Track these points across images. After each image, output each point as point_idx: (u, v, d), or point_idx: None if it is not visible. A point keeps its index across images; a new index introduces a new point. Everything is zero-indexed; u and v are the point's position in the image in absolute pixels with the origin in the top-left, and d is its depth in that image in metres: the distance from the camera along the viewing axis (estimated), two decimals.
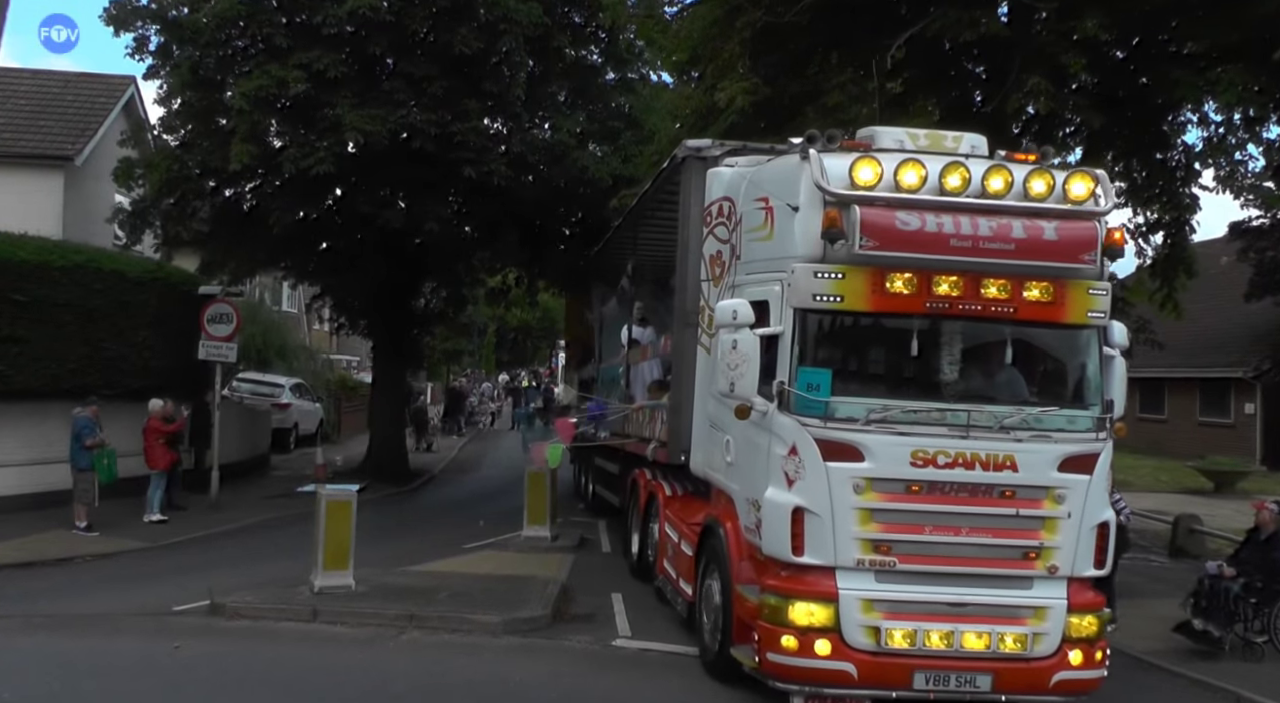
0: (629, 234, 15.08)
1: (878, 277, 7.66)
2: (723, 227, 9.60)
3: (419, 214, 21.02)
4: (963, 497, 7.76)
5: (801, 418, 7.76)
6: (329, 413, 33.94)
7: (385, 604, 10.77)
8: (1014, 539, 7.86)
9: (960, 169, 7.79)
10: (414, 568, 13.05)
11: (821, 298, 7.73)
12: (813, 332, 7.96)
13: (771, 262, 8.31)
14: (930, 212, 7.68)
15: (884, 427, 7.72)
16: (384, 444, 25.03)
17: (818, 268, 7.74)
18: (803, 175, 7.92)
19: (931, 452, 7.70)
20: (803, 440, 7.74)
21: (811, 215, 7.76)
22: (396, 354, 25.70)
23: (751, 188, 8.95)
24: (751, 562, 8.46)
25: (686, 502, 11.19)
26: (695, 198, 10.23)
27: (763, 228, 8.62)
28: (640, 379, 14.21)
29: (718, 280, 9.59)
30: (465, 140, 19.47)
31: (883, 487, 7.70)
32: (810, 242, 7.77)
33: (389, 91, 19.61)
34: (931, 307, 7.75)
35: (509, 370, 66.09)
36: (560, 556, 14.40)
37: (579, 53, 22.30)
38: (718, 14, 13.91)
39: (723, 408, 8.86)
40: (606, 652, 9.97)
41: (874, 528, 7.71)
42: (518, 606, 10.93)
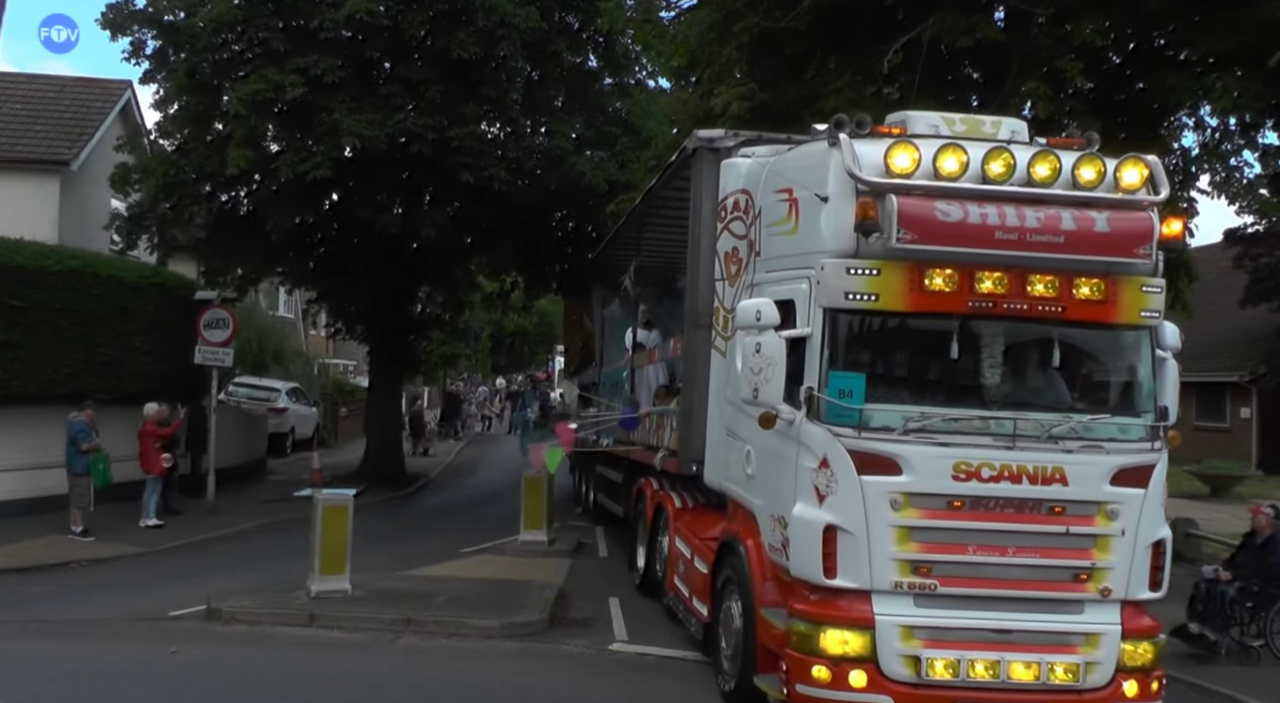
0: (633, 233, 14.38)
1: (916, 272, 7.07)
2: (739, 221, 9.04)
3: (416, 219, 21.09)
4: (1009, 513, 7.14)
5: (833, 428, 7.16)
6: (325, 418, 33.90)
7: (382, 609, 10.74)
8: (1064, 560, 7.24)
9: (1004, 154, 7.16)
10: (411, 573, 13.03)
11: (854, 296, 7.14)
12: (845, 333, 7.35)
13: (797, 257, 7.72)
14: (972, 201, 7.07)
15: (923, 437, 7.12)
16: (381, 449, 25.01)
17: (850, 263, 7.13)
18: (832, 163, 7.31)
19: (975, 464, 7.07)
20: (835, 452, 7.12)
21: (842, 206, 7.18)
22: (393, 359, 25.69)
23: (772, 178, 8.38)
24: (776, 583, 7.83)
25: (699, 515, 10.56)
26: (708, 191, 9.72)
27: (786, 221, 8.00)
28: (645, 384, 13.83)
29: (734, 279, 9.06)
30: (463, 145, 19.50)
31: (922, 503, 7.09)
32: (841, 235, 7.19)
33: (386, 96, 19.65)
34: (974, 305, 7.15)
35: (506, 375, 66.03)
36: (557, 560, 14.36)
37: (576, 58, 22.33)
38: (715, 19, 13.94)
39: (742, 416, 8.30)
40: (604, 656, 9.96)
41: (913, 548, 7.10)
42: (515, 610, 10.91)
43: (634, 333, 14.87)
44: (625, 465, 14.44)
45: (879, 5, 13.14)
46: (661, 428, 11.84)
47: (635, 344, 14.75)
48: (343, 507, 11.34)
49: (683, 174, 10.73)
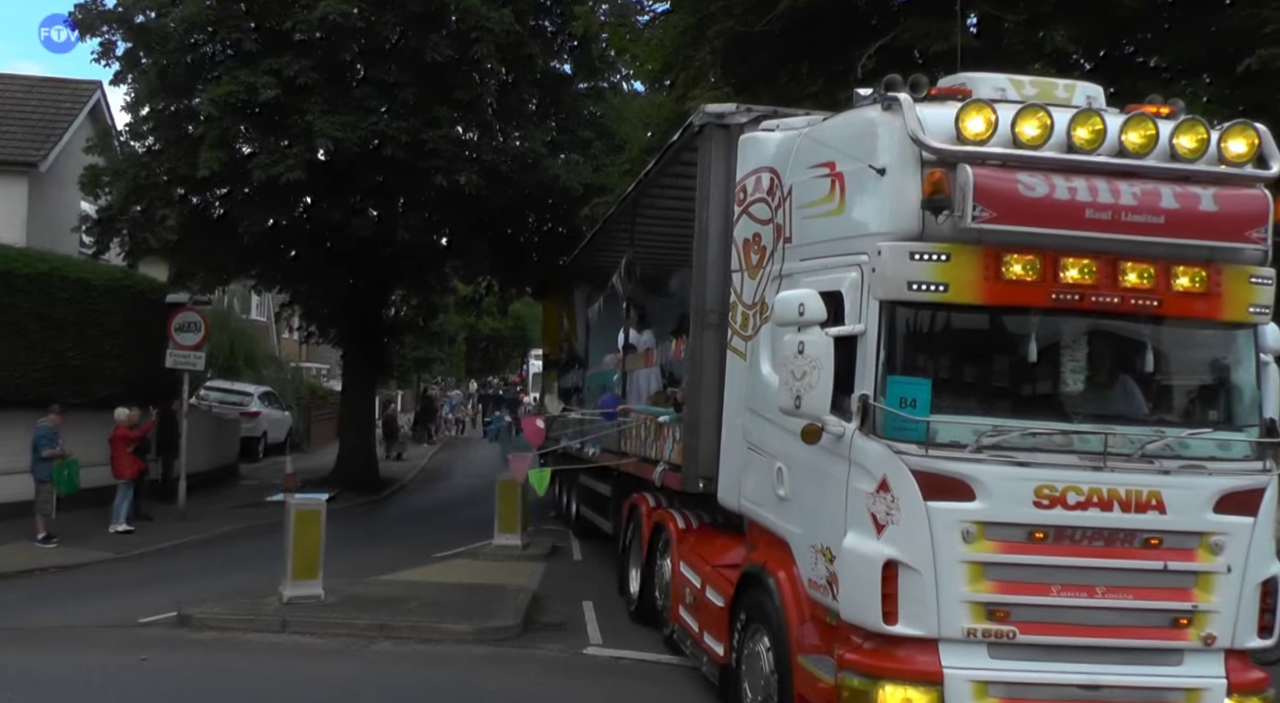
0: (624, 226, 13.28)
1: (992, 258, 6.01)
2: (762, 204, 7.91)
3: (390, 222, 21.01)
4: (1097, 547, 6.06)
5: (894, 443, 6.03)
6: (298, 422, 33.73)
7: (355, 614, 10.68)
8: (1160, 602, 6.15)
9: (1093, 118, 6.11)
10: (384, 578, 12.97)
11: (920, 286, 6.01)
12: (906, 330, 6.26)
13: (843, 241, 6.61)
14: (1058, 173, 6.01)
15: (999, 455, 6.02)
16: (354, 453, 24.90)
17: (915, 247, 6.04)
18: (889, 128, 6.25)
19: (1060, 488, 5.98)
20: (896, 473, 5.99)
21: (904, 179, 6.11)
22: (366, 362, 25.59)
23: (807, 152, 7.26)
24: (818, 626, 6.72)
25: (707, 537, 9.52)
26: (718, 172, 8.72)
27: (827, 200, 6.90)
28: (638, 389, 12.94)
29: (755, 269, 7.90)
30: (436, 148, 19.43)
31: (999, 534, 5.99)
32: (903, 213, 6.12)
33: (360, 98, 19.58)
34: (1057, 298, 6.07)
35: (480, 379, 65.81)
36: (531, 564, 14.34)
37: (550, 61, 22.32)
38: (689, 23, 13.98)
39: (771, 428, 7.25)
40: (578, 660, 9.93)
41: (987, 588, 5.98)
42: (489, 615, 10.88)
43: (625, 333, 13.90)
44: (615, 478, 13.25)
45: (852, 11, 13.20)
46: (661, 438, 10.59)
47: (626, 346, 13.81)
48: (315, 512, 11.27)
49: (684, 157, 9.89)
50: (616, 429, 12.50)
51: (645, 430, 11.33)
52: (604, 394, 12.89)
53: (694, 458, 8.92)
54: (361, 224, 20.57)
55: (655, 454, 10.77)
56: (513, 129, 21.92)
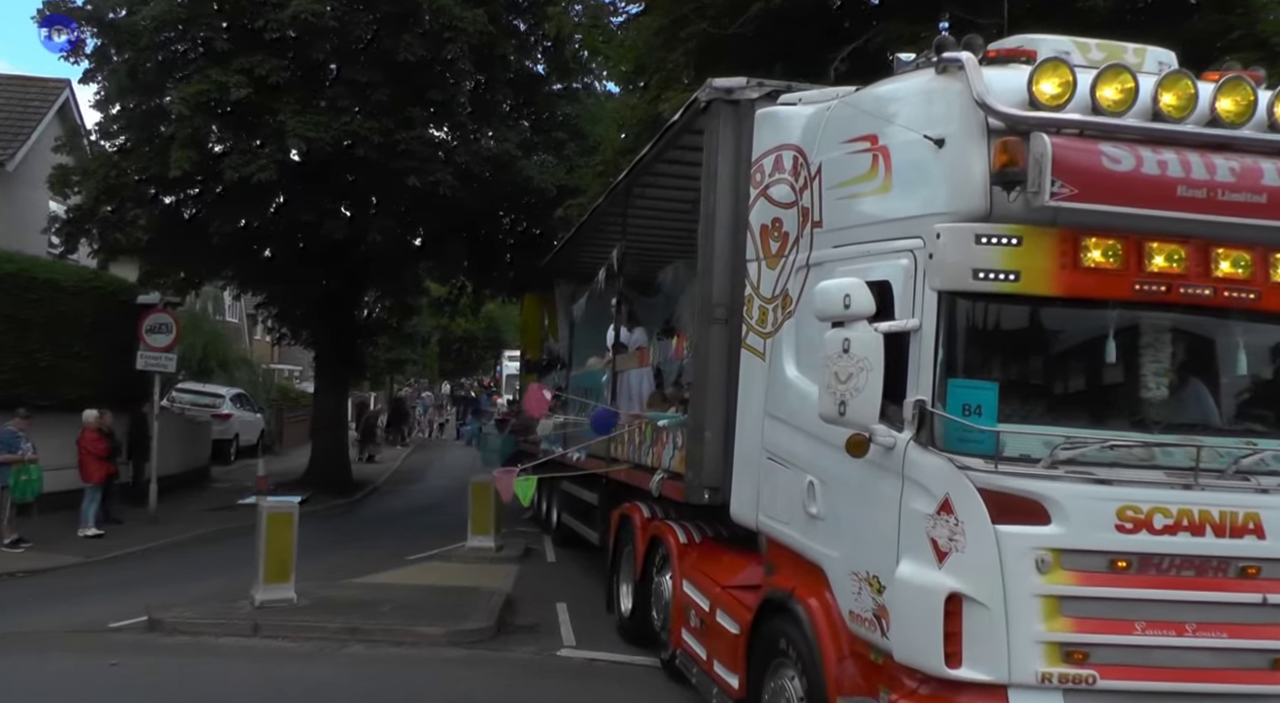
0: (614, 217, 12.35)
1: (1069, 243, 5.19)
2: (783, 185, 7.07)
3: (363, 223, 20.94)
4: (1187, 577, 5.19)
5: (957, 457, 5.16)
6: (271, 424, 33.53)
7: (328, 618, 10.62)
8: (1259, 640, 5.28)
9: (1184, 82, 5.33)
10: (357, 580, 12.91)
11: (987, 275, 5.16)
12: (970, 326, 5.38)
13: (889, 224, 5.79)
14: (1145, 145, 5.20)
15: (1076, 471, 5.16)
16: (327, 455, 24.78)
17: (982, 229, 5.19)
18: (949, 94, 5.43)
19: (1145, 509, 5.12)
20: (961, 492, 5.12)
21: (967, 151, 5.28)
22: (339, 364, 25.47)
23: (841, 125, 6.44)
24: (860, 665, 5.83)
25: (712, 553, 8.66)
26: (727, 152, 8.02)
27: (868, 178, 6.06)
28: (628, 391, 12.07)
29: (775, 258, 7.07)
30: (409, 148, 19.39)
31: (1077, 562, 5.10)
32: (966, 190, 5.29)
33: (332, 98, 19.51)
34: (1141, 288, 5.25)
35: (453, 380, 65.57)
36: (505, 566, 14.30)
37: (524, 60, 22.30)
38: (662, 24, 13.97)
39: (798, 436, 6.47)
40: (552, 662, 9.91)
41: (1063, 626, 5.08)
42: (462, 617, 10.84)
43: (616, 332, 12.83)
44: (603, 484, 12.18)
45: (825, 13, 13.25)
46: (658, 444, 9.77)
47: (616, 345, 12.75)
48: (288, 514, 11.19)
49: (684, 141, 9.21)
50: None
51: (640, 435, 10.46)
52: (597, 409, 11.88)
53: (698, 466, 8.15)
54: (334, 225, 20.48)
55: (652, 461, 9.95)
56: (486, 130, 21.88)
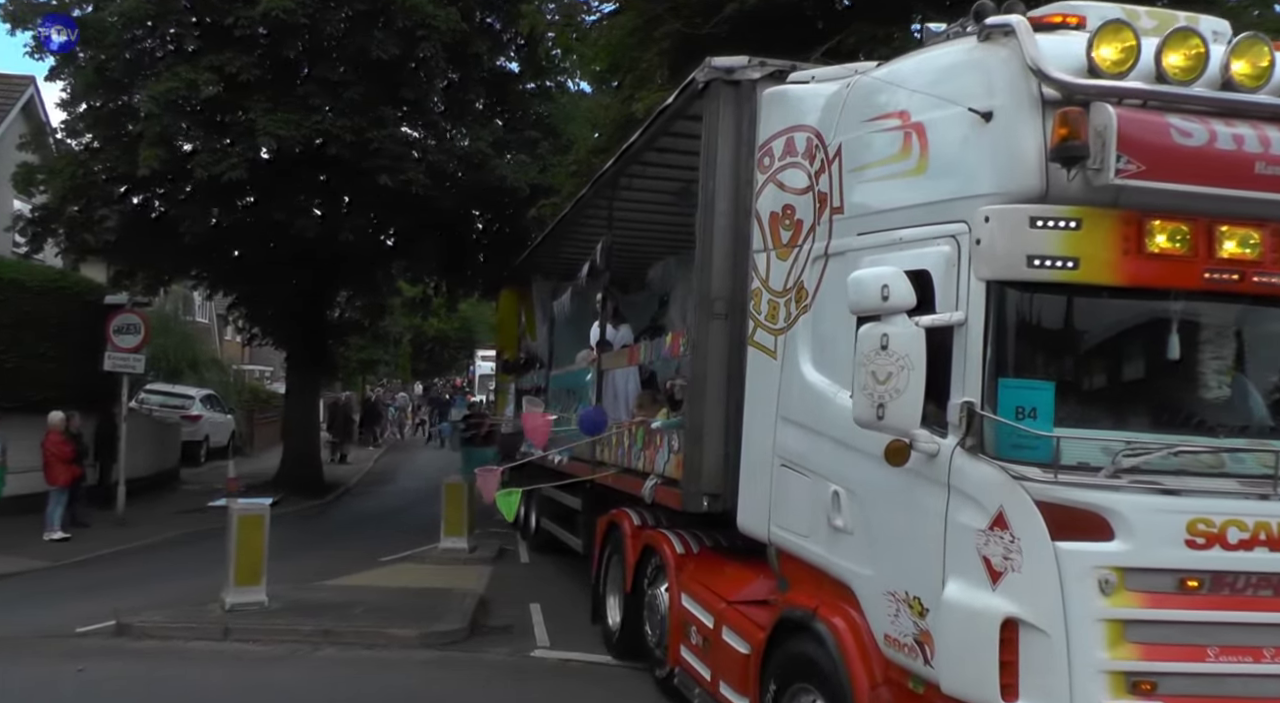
0: (599, 209, 11.73)
1: (1133, 226, 4.68)
2: (796, 169, 6.55)
3: (334, 222, 20.81)
4: (1265, 597, 4.64)
5: (1012, 466, 4.64)
6: (241, 425, 33.29)
7: (299, 620, 10.53)
8: None
9: (1258, 47, 4.85)
10: (329, 583, 12.81)
11: (1044, 262, 4.66)
12: (1024, 319, 4.88)
13: (926, 208, 5.25)
14: (1218, 118, 4.70)
15: (1141, 481, 4.63)
16: (298, 457, 24.59)
17: (1038, 211, 4.68)
18: (997, 61, 4.93)
19: (1218, 523, 4.57)
20: (1016, 505, 4.59)
21: (1019, 124, 4.78)
22: (311, 365, 25.28)
23: (863, 103, 5.93)
24: (896, 693, 5.32)
25: (713, 565, 8.04)
26: (727, 136, 7.57)
27: (899, 158, 5.51)
28: (614, 391, 11.64)
29: (787, 248, 6.54)
30: (382, 147, 19.26)
31: (1143, 582, 4.57)
32: (1019, 168, 4.78)
33: (303, 96, 19.34)
34: (1211, 277, 4.74)
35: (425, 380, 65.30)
36: (478, 567, 14.24)
37: (497, 60, 22.23)
38: (636, 24, 13.96)
39: (819, 441, 5.92)
40: (526, 663, 9.86)
41: (1129, 653, 4.55)
42: (435, 619, 10.77)
43: (601, 329, 12.13)
44: (587, 490, 11.51)
45: (799, 14, 13.26)
46: (651, 448, 9.18)
47: (601, 342, 12.03)
48: (259, 516, 11.09)
49: (676, 127, 8.79)
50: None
51: (630, 438, 9.89)
52: (585, 409, 11.20)
53: (696, 472, 7.64)
54: (305, 224, 20.30)
55: (644, 466, 9.36)
56: (459, 128, 21.80)
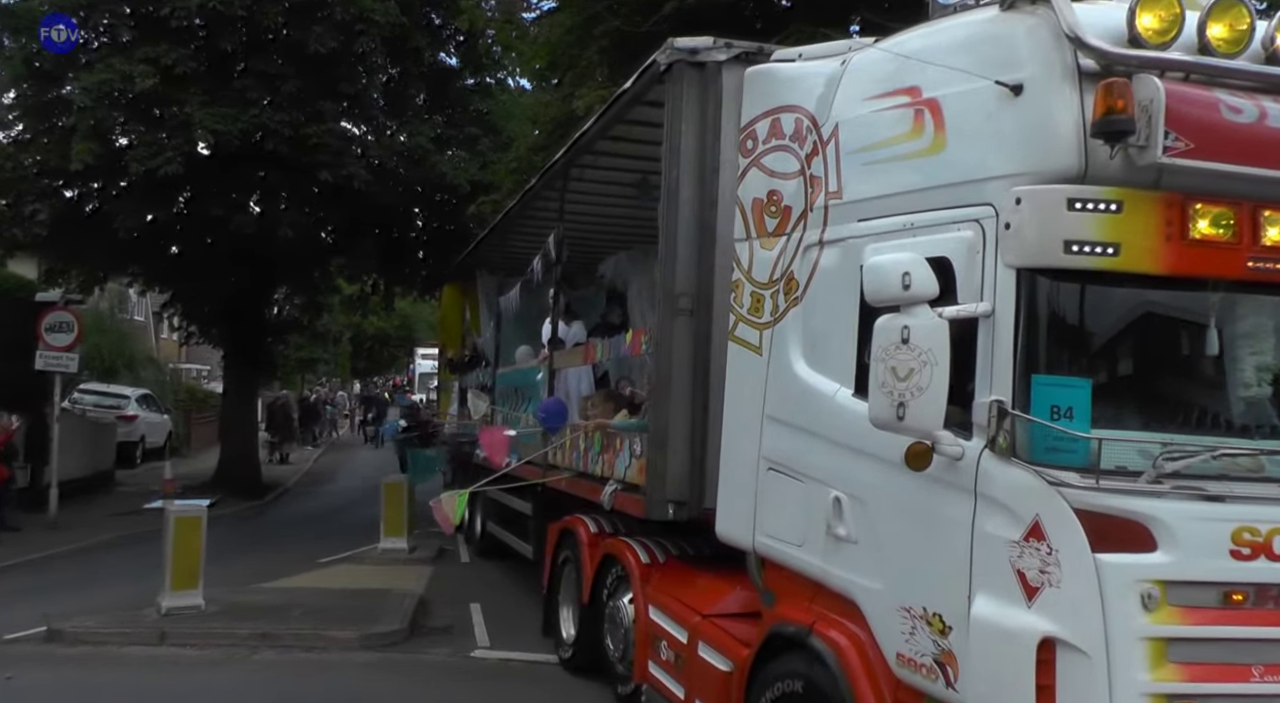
0: (549, 200, 11.29)
1: (1176, 210, 4.30)
2: (783, 153, 6.07)
3: (273, 219, 20.56)
4: None
5: (1048, 470, 4.20)
6: (178, 425, 32.78)
7: (237, 624, 10.41)
8: None
9: None
10: (267, 585, 12.67)
11: (1082, 248, 4.24)
12: (1058, 310, 4.46)
13: (942, 190, 4.80)
14: (1265, 94, 4.41)
15: (1183, 486, 4.24)
16: (236, 457, 24.29)
17: (1077, 193, 4.27)
18: (1028, 29, 4.54)
19: (1264, 532, 4.22)
20: (1053, 513, 4.17)
21: (1053, 97, 4.38)
22: (249, 363, 24.98)
23: (864, 80, 5.49)
24: None
25: (683, 575, 7.60)
26: (691, 121, 7.20)
27: (909, 137, 5.06)
28: (566, 390, 11.19)
29: (772, 237, 6.06)
30: (321, 143, 19.10)
31: (1186, 597, 4.18)
32: (1054, 145, 4.36)
33: (241, 90, 19.09)
34: (1256, 266, 4.39)
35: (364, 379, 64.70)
36: (418, 567, 14.17)
37: (437, 55, 22.12)
38: (575, 21, 13.98)
39: (814, 443, 5.44)
40: (466, 664, 9.82)
41: (1171, 674, 4.15)
42: (374, 620, 10.71)
43: (554, 326, 11.52)
44: (538, 493, 11.05)
45: (738, 15, 13.34)
46: (610, 451, 8.73)
47: (553, 340, 11.47)
48: (196, 518, 10.95)
49: (632, 114, 8.45)
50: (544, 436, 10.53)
51: (586, 440, 9.37)
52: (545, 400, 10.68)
53: (661, 478, 7.15)
54: (243, 221, 20.06)
55: (602, 470, 8.87)
56: (399, 124, 21.66)
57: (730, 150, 6.82)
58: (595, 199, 11.17)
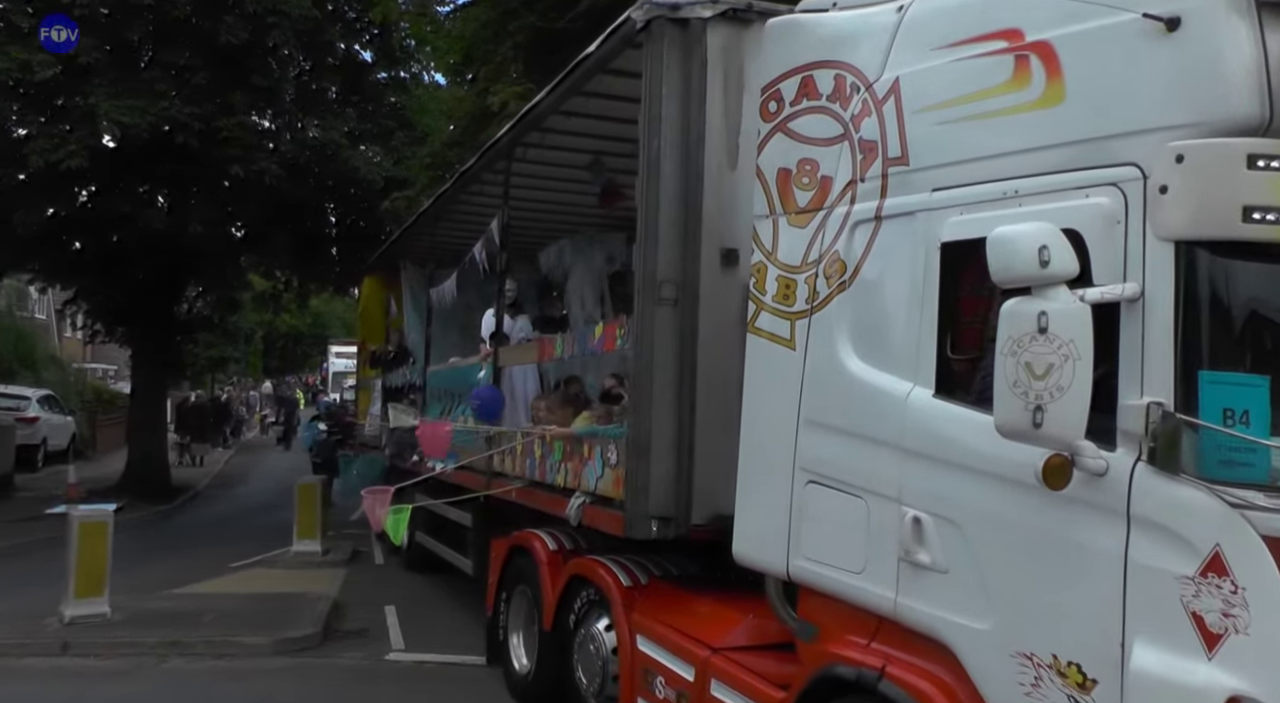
0: (489, 182, 10.39)
1: None
2: (819, 115, 5.21)
3: (182, 214, 20.10)
4: None
5: (1226, 489, 3.41)
6: (82, 427, 31.91)
7: (144, 632, 10.14)
8: None
9: None
10: (177, 591, 12.35)
11: (1265, 216, 3.48)
12: (1227, 293, 3.65)
13: (1061, 149, 3.98)
14: None
15: None
16: (144, 459, 23.67)
17: (1260, 147, 3.50)
18: None
19: None
20: (1239, 542, 3.38)
21: (1224, 31, 3.61)
22: (157, 363, 24.38)
23: (934, 27, 4.69)
24: None
25: (674, 600, 6.57)
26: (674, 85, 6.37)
27: (1009, 88, 4.23)
28: (512, 390, 10.33)
29: (804, 212, 5.21)
30: (232, 136, 18.69)
31: None
32: (1227, 90, 3.59)
33: (148, 81, 18.61)
34: None
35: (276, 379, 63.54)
36: (331, 570, 13.97)
37: (351, 48, 21.83)
38: (490, 17, 13.91)
39: (877, 451, 4.58)
40: (380, 667, 9.71)
41: None
42: (287, 625, 10.53)
43: (498, 319, 10.47)
44: (480, 503, 9.99)
45: None
46: (576, 459, 7.74)
47: (498, 334, 10.46)
48: (101, 523, 10.66)
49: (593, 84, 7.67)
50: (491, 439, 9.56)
51: (545, 446, 8.40)
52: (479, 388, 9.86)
53: (642, 491, 6.31)
54: (151, 216, 19.57)
55: (565, 481, 7.88)
56: (312, 118, 21.34)
57: (717, 117, 6.31)
58: (540, 181, 10.39)
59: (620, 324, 7.52)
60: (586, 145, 9.14)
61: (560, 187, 10.59)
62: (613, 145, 8.78)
